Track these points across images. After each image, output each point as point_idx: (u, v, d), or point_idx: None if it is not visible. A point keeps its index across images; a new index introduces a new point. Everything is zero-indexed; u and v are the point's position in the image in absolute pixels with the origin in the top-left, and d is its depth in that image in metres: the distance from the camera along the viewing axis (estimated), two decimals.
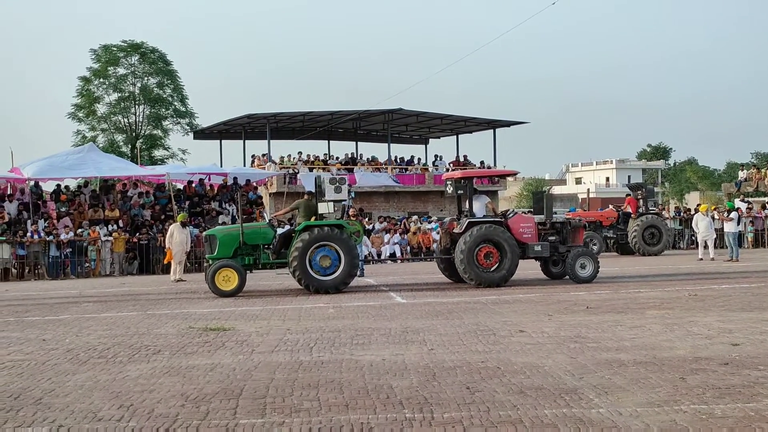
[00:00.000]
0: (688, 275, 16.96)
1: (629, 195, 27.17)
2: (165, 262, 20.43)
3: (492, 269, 15.06)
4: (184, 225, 19.56)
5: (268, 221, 16.34)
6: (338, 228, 14.89)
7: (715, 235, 22.40)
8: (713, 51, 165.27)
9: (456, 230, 15.56)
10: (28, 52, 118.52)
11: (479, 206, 15.74)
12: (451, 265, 15.87)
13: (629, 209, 25.97)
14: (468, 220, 15.33)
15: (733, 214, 22.17)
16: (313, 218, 15.15)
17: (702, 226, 22.22)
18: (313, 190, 15.75)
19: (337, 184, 15.25)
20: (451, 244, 15.82)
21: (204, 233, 16.65)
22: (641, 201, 26.00)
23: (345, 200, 15.91)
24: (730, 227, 21.77)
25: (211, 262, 15.17)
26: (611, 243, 26.34)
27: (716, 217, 22.49)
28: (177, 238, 19.07)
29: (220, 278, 14.63)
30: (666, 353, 7.64)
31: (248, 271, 15.33)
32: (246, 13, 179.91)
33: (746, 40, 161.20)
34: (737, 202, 32.19)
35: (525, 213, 17.67)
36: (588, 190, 36.82)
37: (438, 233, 18.94)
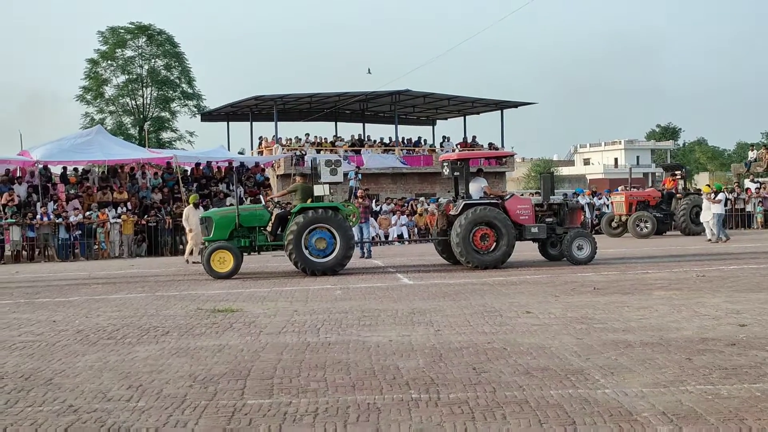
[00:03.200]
0: (695, 256, 16.92)
1: (667, 175, 27.41)
2: (189, 246, 20.04)
3: (488, 251, 15.03)
4: (196, 206, 19.45)
5: (262, 203, 16.29)
6: (333, 210, 14.90)
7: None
8: (723, 31, 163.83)
9: (452, 212, 15.53)
10: (37, 34, 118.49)
11: (476, 188, 15.68)
12: (447, 247, 15.84)
13: (670, 190, 26.02)
14: (464, 202, 15.29)
15: (720, 196, 22.04)
16: (309, 200, 15.14)
17: (703, 207, 22.12)
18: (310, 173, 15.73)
19: (333, 166, 15.23)
20: (447, 225, 15.78)
21: (201, 215, 16.64)
22: (681, 181, 26.13)
23: (341, 182, 15.90)
24: (716, 209, 21.62)
25: (207, 244, 15.21)
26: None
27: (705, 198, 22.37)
28: (193, 219, 18.92)
29: (216, 260, 14.67)
30: (673, 334, 7.65)
31: (251, 253, 15.35)
32: None
33: (758, 20, 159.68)
34: (747, 182, 32.06)
35: (532, 194, 17.66)
36: (630, 169, 36.61)
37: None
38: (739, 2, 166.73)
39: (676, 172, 26.83)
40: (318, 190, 15.18)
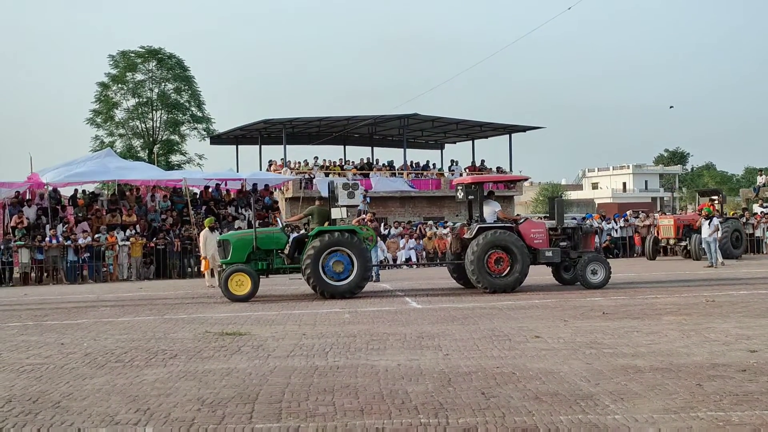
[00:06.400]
0: (705, 281, 16.83)
1: (705, 200, 27.75)
2: (203, 271, 19.78)
3: (502, 275, 15.00)
4: (212, 229, 19.28)
5: (281, 227, 16.33)
6: (351, 233, 14.92)
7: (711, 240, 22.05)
8: (732, 55, 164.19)
9: (466, 236, 15.52)
10: (48, 58, 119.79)
11: (490, 211, 15.68)
12: (461, 270, 15.83)
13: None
14: (478, 226, 15.29)
15: (715, 220, 22.02)
16: (326, 224, 15.19)
17: (703, 231, 22.05)
18: (327, 196, 15.78)
19: (350, 189, 15.28)
20: (461, 249, 15.78)
21: (218, 238, 16.65)
22: (720, 206, 26.39)
23: (357, 205, 15.94)
24: (707, 233, 21.53)
25: (224, 266, 15.23)
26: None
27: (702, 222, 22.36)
28: (211, 243, 18.27)
29: (233, 283, 14.68)
30: (683, 359, 7.60)
31: (264, 276, 15.40)
32: (261, 19, 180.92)
33: (765, 44, 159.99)
34: (756, 207, 31.98)
35: (540, 218, 17.64)
36: (673, 192, 36.85)
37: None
38: (746, 29, 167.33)
39: (714, 197, 27.01)
40: (335, 213, 15.23)
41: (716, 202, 26.69)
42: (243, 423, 5.63)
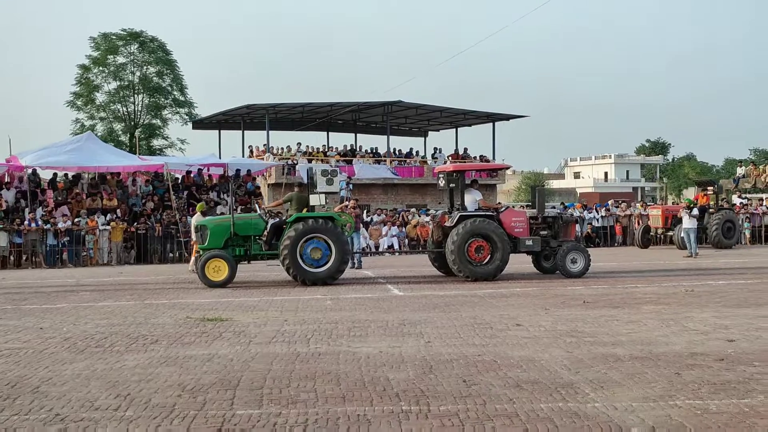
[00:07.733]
0: (684, 271, 16.99)
1: (699, 191, 28.20)
2: (193, 255, 19.60)
3: (483, 263, 15.05)
4: (204, 214, 19.11)
5: (258, 213, 16.25)
6: (329, 220, 14.91)
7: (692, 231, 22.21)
8: (712, 47, 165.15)
9: (447, 224, 15.54)
10: (27, 40, 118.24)
11: (471, 200, 15.71)
12: (442, 258, 15.84)
13: (703, 205, 26.43)
14: (459, 214, 15.31)
15: (695, 211, 22.17)
16: (305, 210, 15.15)
17: (684, 221, 22.21)
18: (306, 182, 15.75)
19: (329, 176, 15.24)
20: (442, 237, 15.80)
21: (195, 224, 16.55)
22: (715, 197, 26.85)
23: (336, 192, 15.88)
24: (689, 223, 21.65)
25: (202, 252, 15.17)
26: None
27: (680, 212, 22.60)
28: None
29: (211, 269, 14.62)
30: (662, 348, 7.67)
31: (245, 262, 15.34)
32: (245, 3, 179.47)
33: (745, 36, 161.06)
34: (735, 198, 32.28)
35: (522, 207, 17.70)
36: (666, 185, 37.29)
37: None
38: (733, 27, 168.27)
39: (708, 188, 27.50)
40: (314, 199, 15.20)
41: (710, 192, 27.05)
42: (224, 409, 5.62)
